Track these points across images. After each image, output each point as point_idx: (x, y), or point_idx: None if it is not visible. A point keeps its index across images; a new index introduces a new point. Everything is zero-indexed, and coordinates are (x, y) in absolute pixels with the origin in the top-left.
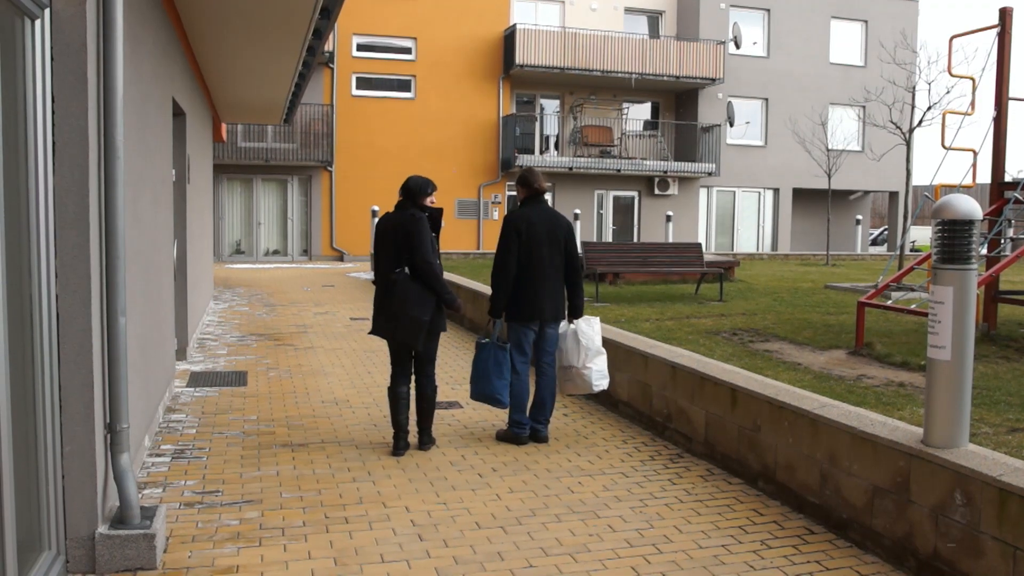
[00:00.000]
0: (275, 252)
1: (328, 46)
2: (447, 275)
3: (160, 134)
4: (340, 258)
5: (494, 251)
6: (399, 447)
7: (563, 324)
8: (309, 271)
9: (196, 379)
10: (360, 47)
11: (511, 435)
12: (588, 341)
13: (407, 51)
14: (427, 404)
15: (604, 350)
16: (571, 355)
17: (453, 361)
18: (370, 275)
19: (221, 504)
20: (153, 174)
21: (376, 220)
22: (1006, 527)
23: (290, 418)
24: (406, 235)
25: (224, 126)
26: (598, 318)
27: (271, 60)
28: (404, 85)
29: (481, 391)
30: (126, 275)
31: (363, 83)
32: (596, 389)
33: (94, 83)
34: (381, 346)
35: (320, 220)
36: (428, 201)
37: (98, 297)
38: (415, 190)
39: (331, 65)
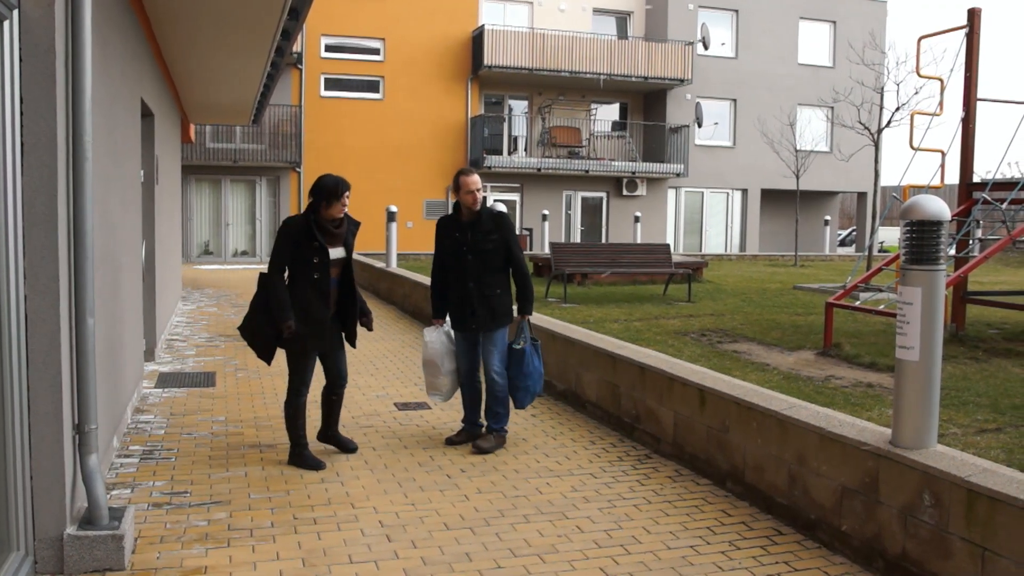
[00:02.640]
0: (244, 253)
1: (296, 47)
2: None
3: (129, 135)
4: None
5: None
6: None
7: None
8: None
9: (164, 380)
10: (328, 48)
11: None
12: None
13: (375, 52)
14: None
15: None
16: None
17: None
18: None
19: (190, 505)
20: (121, 175)
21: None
22: (974, 528)
23: (259, 419)
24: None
25: (193, 127)
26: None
27: (239, 61)
28: (373, 86)
29: (537, 391)
30: (94, 276)
31: (332, 84)
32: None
33: (63, 84)
34: (348, 348)
35: None
36: (341, 204)
37: (67, 298)
38: (325, 191)
39: (299, 66)
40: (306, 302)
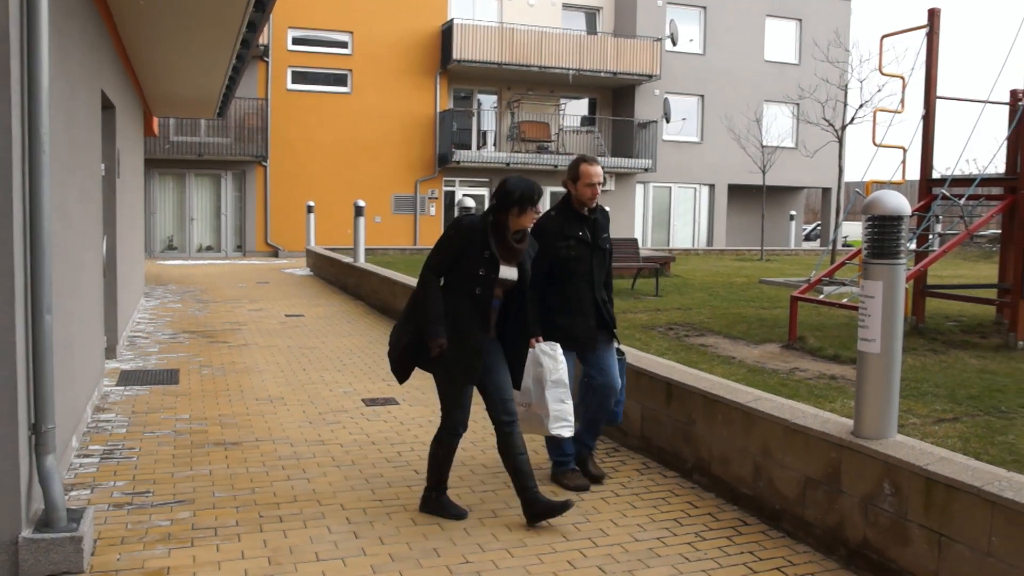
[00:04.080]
0: (208, 248)
1: (263, 39)
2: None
3: (88, 127)
4: (275, 254)
5: (426, 246)
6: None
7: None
8: (243, 267)
9: (126, 378)
10: (295, 40)
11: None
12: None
13: (343, 45)
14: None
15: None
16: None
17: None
18: (305, 271)
19: (152, 505)
20: (81, 168)
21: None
22: (932, 515)
23: (223, 416)
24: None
25: (156, 120)
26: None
27: (204, 53)
28: (340, 79)
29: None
30: (52, 271)
31: (299, 77)
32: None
33: (17, 75)
34: (317, 344)
35: (254, 215)
36: (535, 212)
37: (22, 294)
38: (518, 196)
39: (266, 59)
40: (458, 319)
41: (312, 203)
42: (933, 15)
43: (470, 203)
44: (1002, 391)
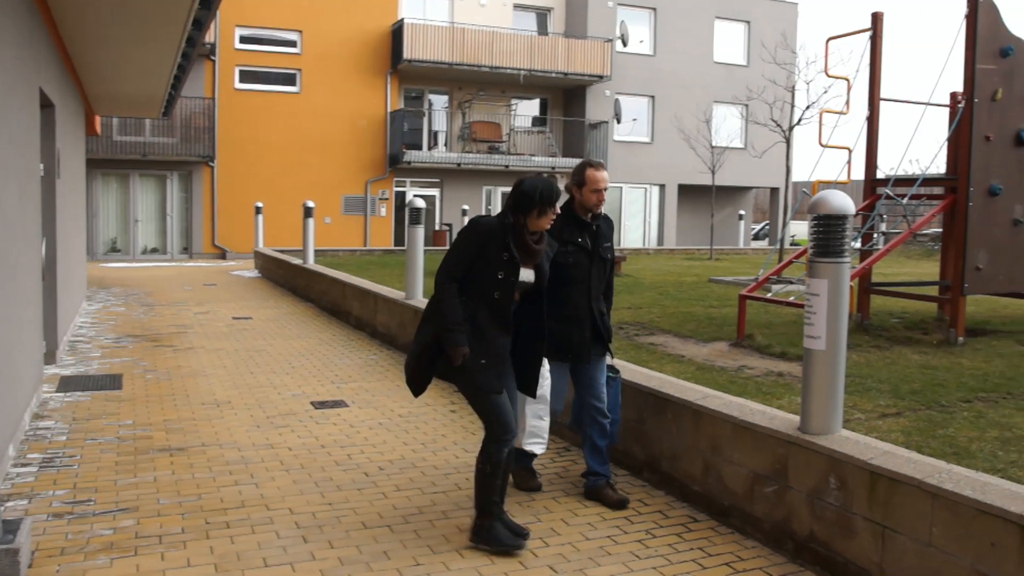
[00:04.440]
0: (154, 250)
1: (209, 37)
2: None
3: (25, 126)
4: (222, 256)
5: (377, 248)
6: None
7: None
8: (190, 269)
9: (67, 383)
10: (243, 39)
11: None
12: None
13: (292, 44)
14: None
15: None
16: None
17: (339, 359)
18: (253, 273)
19: (93, 514)
20: (18, 168)
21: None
22: (875, 508)
23: (169, 421)
24: None
25: (98, 119)
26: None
27: (147, 51)
28: (289, 79)
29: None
30: None
31: (247, 76)
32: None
33: None
34: (265, 346)
35: (201, 217)
36: (553, 214)
37: None
38: (538, 197)
39: (213, 57)
40: (478, 326)
41: (260, 204)
42: (876, 19)
43: (420, 204)
44: (943, 386)
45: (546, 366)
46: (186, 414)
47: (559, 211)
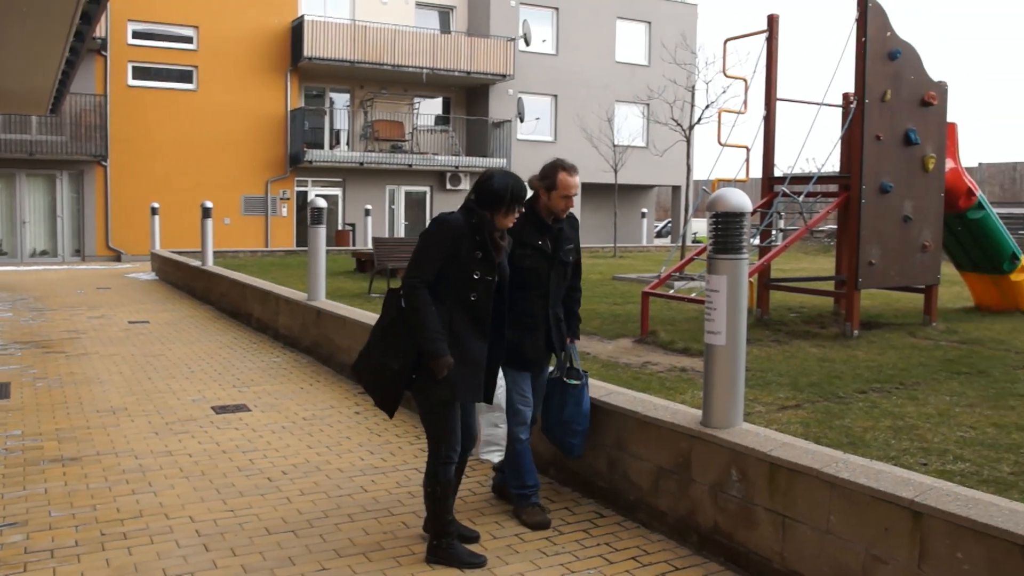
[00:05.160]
0: (43, 253)
1: (100, 31)
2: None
3: None
4: (117, 258)
5: (278, 249)
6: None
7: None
8: (82, 272)
9: None
10: (136, 34)
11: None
12: None
13: (188, 40)
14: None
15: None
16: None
17: (240, 362)
18: (150, 275)
19: None
20: None
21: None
22: (776, 498)
23: (61, 430)
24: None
25: None
26: None
27: (33, 45)
28: (185, 76)
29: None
30: None
31: (140, 73)
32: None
33: None
34: (163, 351)
35: (94, 218)
36: (520, 212)
37: None
38: (509, 195)
39: (104, 53)
40: (455, 332)
41: (157, 205)
42: (772, 21)
43: (322, 203)
44: (839, 378)
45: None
46: (80, 422)
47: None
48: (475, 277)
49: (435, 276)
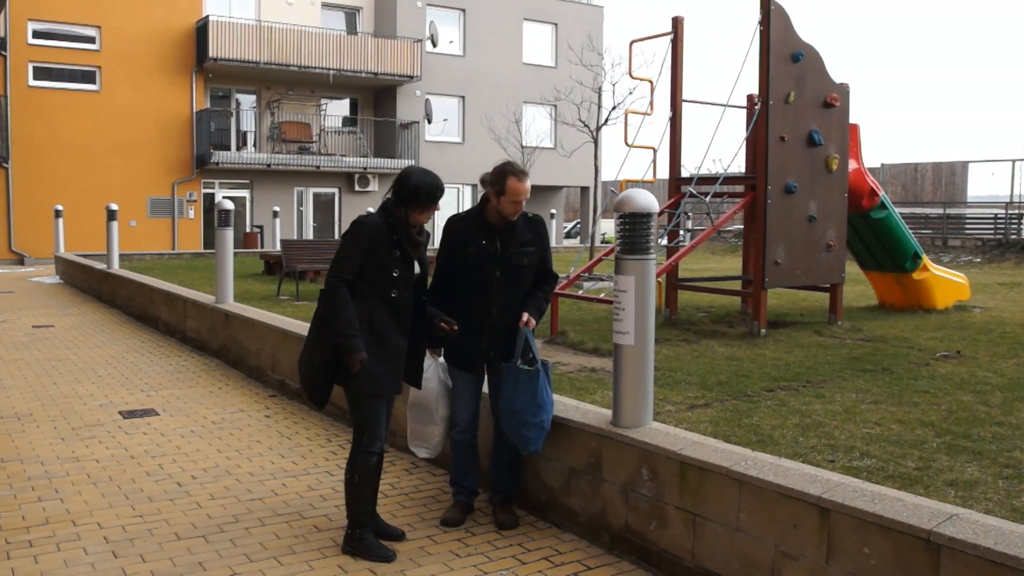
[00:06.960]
0: None
1: None
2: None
3: None
4: (20, 261)
5: (185, 251)
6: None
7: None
8: None
9: None
10: (37, 34)
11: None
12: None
13: (91, 40)
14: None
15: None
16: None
17: (148, 366)
18: (54, 279)
19: None
20: None
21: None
22: (686, 496)
23: None
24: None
25: None
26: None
27: None
28: (88, 76)
29: (548, 427)
30: None
31: (42, 73)
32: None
33: None
34: (69, 355)
35: None
36: (435, 209)
37: None
38: (423, 193)
39: (3, 52)
40: (375, 327)
41: (60, 207)
42: (677, 23)
43: (229, 205)
44: (748, 376)
45: (430, 368)
46: None
47: (440, 207)
48: (394, 275)
49: (354, 276)
